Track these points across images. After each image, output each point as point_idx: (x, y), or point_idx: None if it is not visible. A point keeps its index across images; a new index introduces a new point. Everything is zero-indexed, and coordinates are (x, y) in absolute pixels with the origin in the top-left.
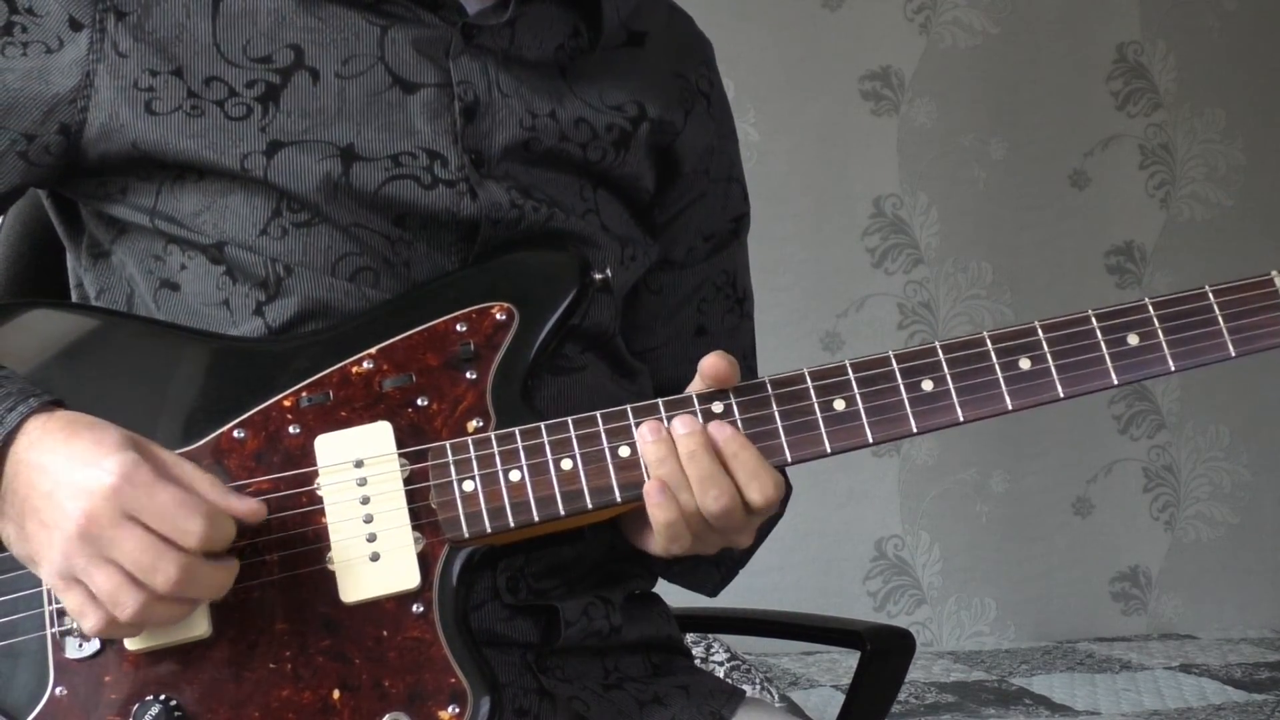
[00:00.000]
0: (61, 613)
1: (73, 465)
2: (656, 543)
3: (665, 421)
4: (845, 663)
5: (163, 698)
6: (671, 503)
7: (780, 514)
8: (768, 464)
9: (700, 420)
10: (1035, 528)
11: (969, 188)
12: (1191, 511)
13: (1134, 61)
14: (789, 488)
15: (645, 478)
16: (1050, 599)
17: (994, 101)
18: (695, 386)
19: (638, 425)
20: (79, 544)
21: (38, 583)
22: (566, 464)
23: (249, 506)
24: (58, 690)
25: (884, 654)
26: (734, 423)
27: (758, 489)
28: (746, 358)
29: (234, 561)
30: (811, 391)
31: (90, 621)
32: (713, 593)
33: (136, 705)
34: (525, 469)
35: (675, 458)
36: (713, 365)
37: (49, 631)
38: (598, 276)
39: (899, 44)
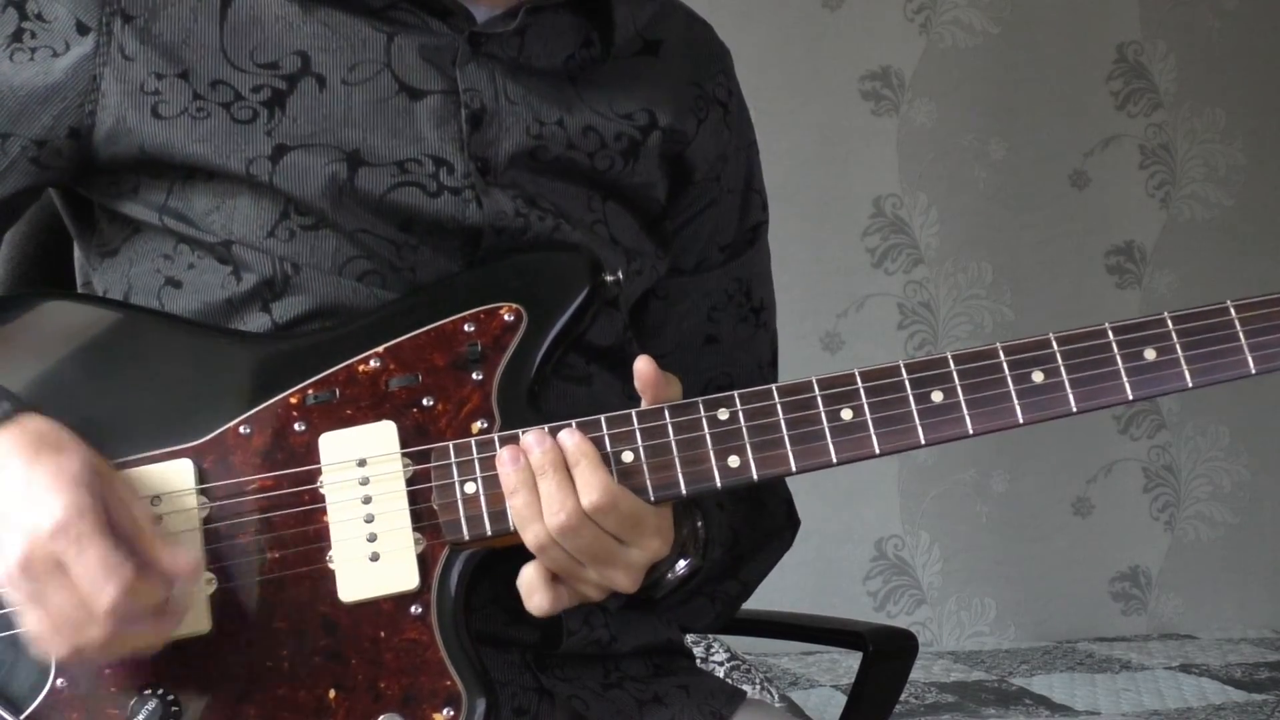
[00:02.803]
0: None
1: (22, 496)
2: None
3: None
4: (845, 663)
5: (160, 692)
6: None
7: (758, 555)
8: (604, 473)
9: (550, 435)
10: (1035, 528)
11: (969, 188)
12: (1191, 511)
13: (1134, 61)
14: (795, 524)
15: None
16: (1050, 599)
17: (994, 101)
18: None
19: (499, 451)
20: (17, 580)
21: None
22: None
23: (181, 565)
24: (58, 682)
25: (887, 655)
26: (585, 432)
27: (586, 493)
28: (762, 368)
29: (176, 617)
30: (819, 400)
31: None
32: (707, 629)
33: (134, 699)
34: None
35: (531, 485)
36: (639, 370)
37: None
38: (609, 278)
39: (899, 44)
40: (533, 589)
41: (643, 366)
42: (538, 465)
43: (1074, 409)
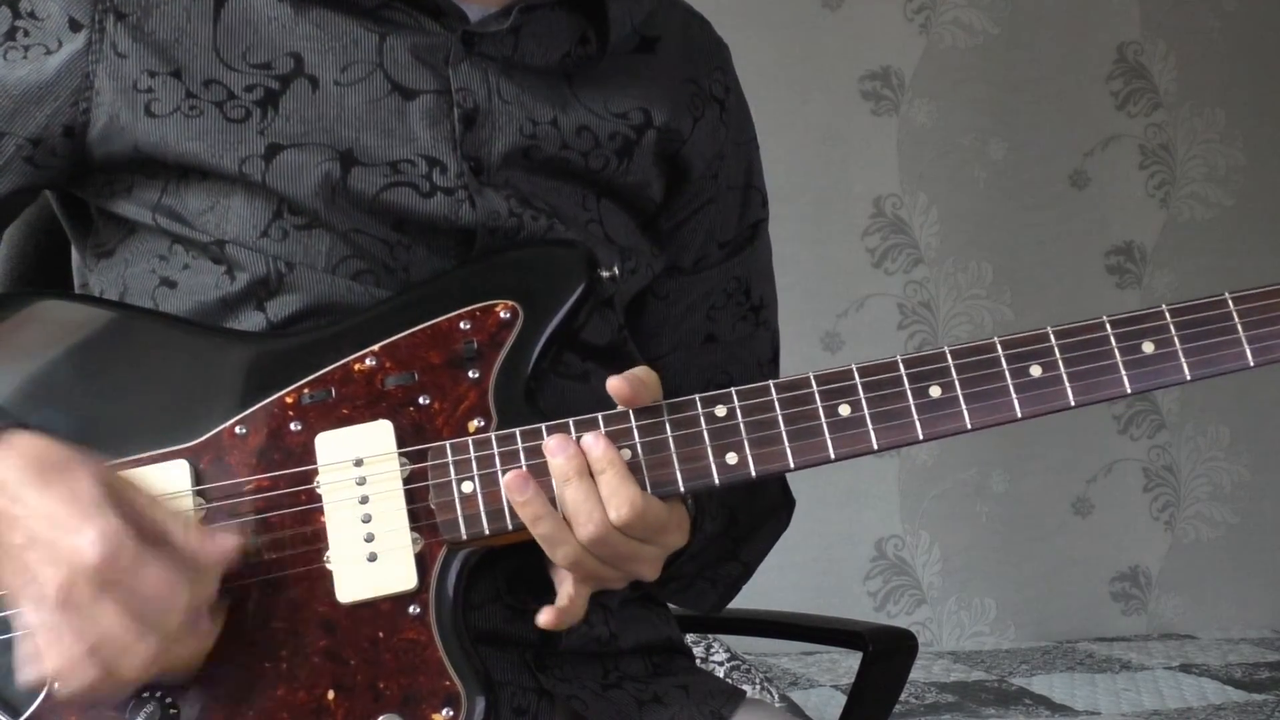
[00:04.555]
0: None
1: (50, 525)
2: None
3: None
4: (845, 663)
5: (158, 694)
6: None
7: (760, 531)
8: (631, 481)
9: (574, 441)
10: (1035, 528)
11: (969, 188)
12: (1191, 511)
13: (1134, 61)
14: (790, 503)
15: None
16: (1050, 599)
17: (994, 101)
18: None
19: (504, 473)
20: (53, 612)
21: None
22: None
23: (222, 548)
24: (56, 684)
25: (886, 655)
26: (609, 438)
27: (614, 506)
28: (763, 366)
29: (212, 630)
30: (817, 396)
31: (27, 672)
32: (710, 611)
33: (132, 702)
34: (525, 470)
35: (550, 502)
36: (613, 388)
37: None
38: (604, 274)
39: (899, 44)
40: (563, 577)
41: (615, 385)
42: (560, 472)
43: (1072, 403)
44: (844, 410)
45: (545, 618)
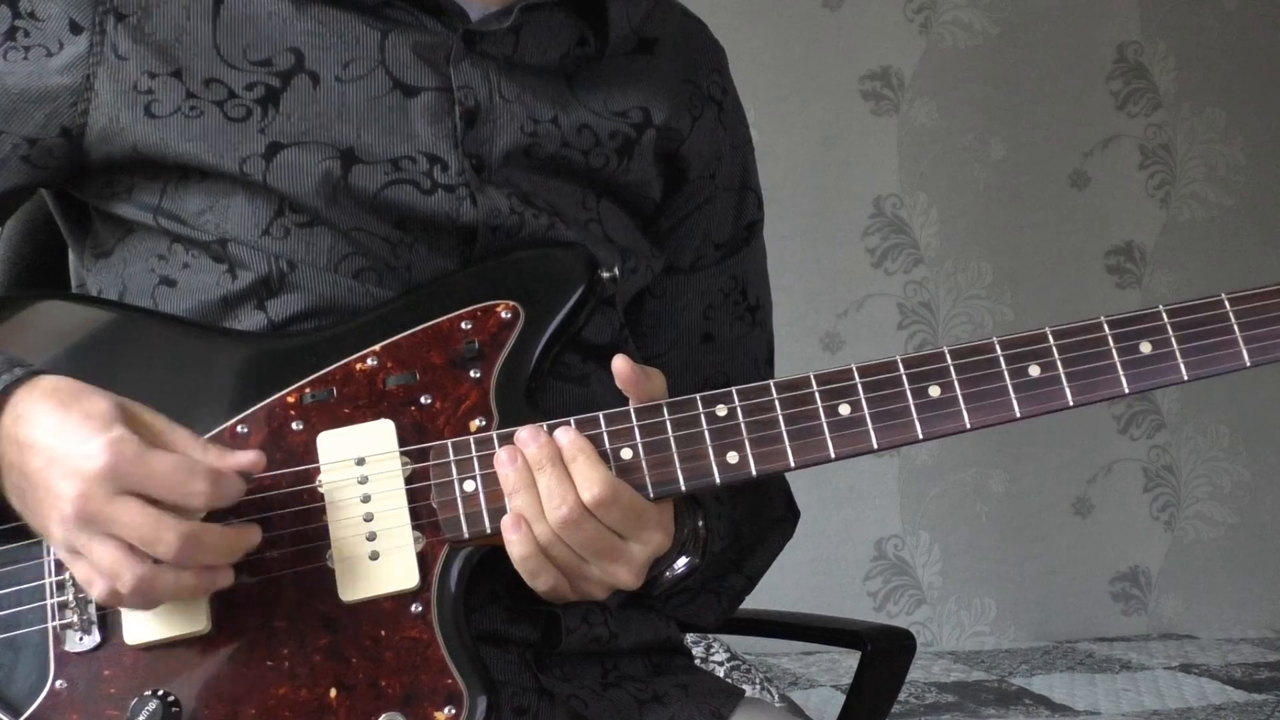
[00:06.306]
0: (63, 605)
1: (63, 442)
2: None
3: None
4: (845, 663)
5: (160, 693)
6: (527, 538)
7: (759, 546)
8: (603, 467)
9: (545, 431)
10: (1035, 528)
11: (969, 188)
12: (1191, 511)
13: (1134, 61)
14: (795, 515)
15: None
16: (1050, 599)
17: (994, 101)
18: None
19: (497, 452)
20: (76, 524)
21: (40, 575)
22: None
23: (248, 458)
24: (58, 683)
25: (885, 654)
26: (610, 437)
27: (586, 487)
28: (759, 367)
29: (251, 527)
30: (817, 396)
31: (96, 590)
32: (713, 625)
33: (135, 700)
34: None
35: (531, 484)
36: (617, 367)
37: (50, 625)
38: (605, 275)
39: (899, 44)
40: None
41: (620, 365)
42: (534, 460)
43: (1070, 403)
44: (844, 410)
45: None
